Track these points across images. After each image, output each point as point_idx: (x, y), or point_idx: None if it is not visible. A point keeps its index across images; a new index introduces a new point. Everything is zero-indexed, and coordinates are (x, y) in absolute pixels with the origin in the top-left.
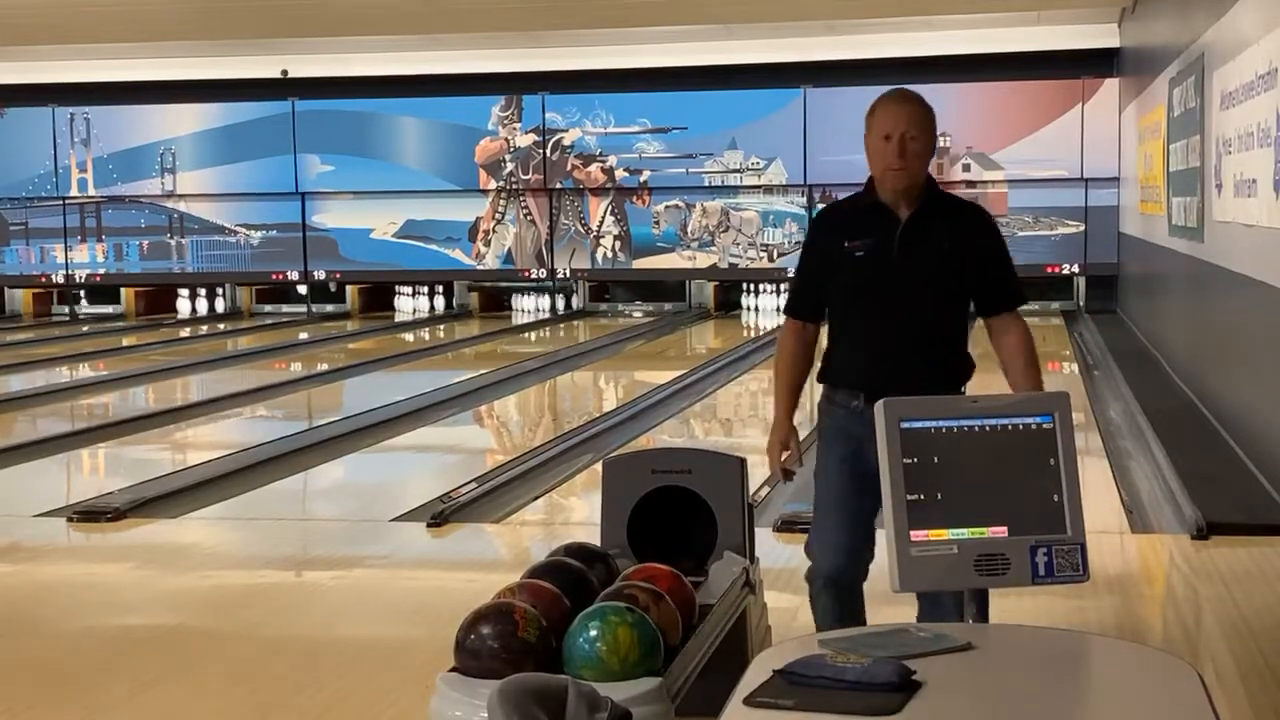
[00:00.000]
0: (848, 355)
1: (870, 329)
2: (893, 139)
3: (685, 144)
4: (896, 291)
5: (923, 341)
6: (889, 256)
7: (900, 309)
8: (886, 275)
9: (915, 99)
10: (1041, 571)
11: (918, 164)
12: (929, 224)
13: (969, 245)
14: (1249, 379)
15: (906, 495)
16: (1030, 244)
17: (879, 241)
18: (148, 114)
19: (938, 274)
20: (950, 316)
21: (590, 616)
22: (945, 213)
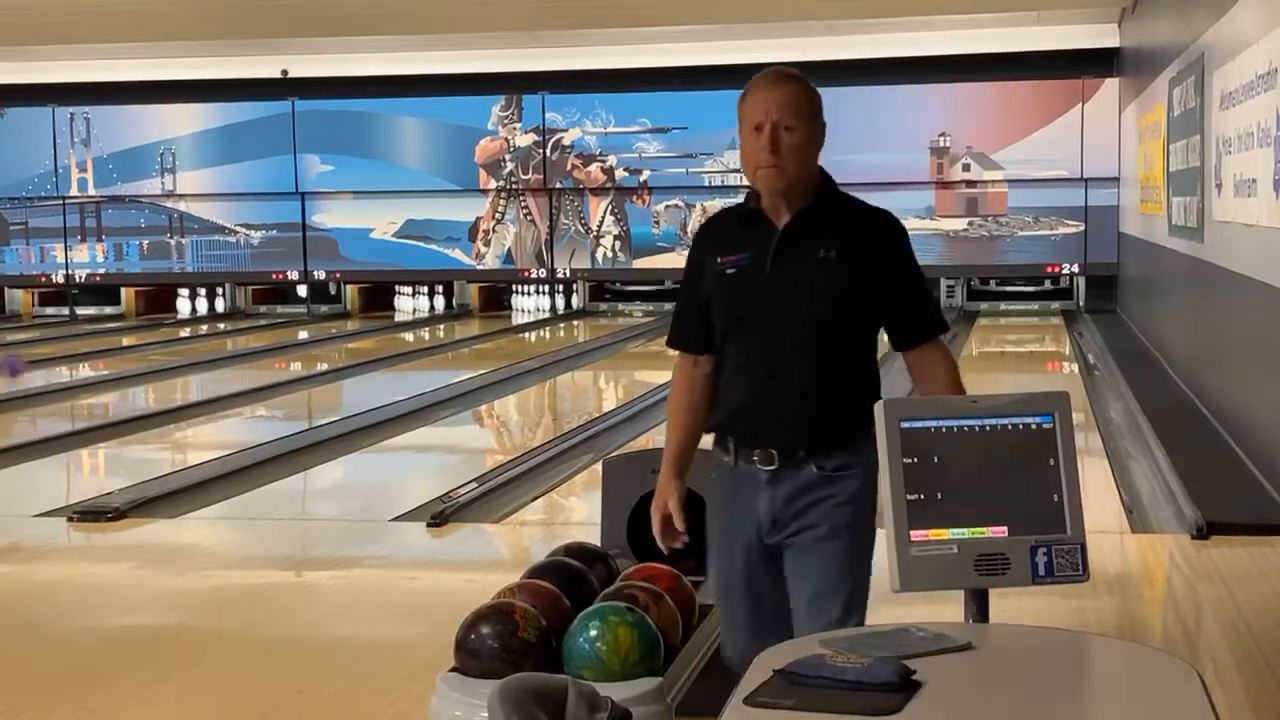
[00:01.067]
0: (725, 397)
1: (745, 365)
2: (763, 130)
3: (685, 144)
4: (773, 317)
5: (810, 380)
6: (761, 273)
7: (779, 339)
8: (760, 297)
9: (792, 80)
10: (1041, 571)
11: (796, 160)
12: (812, 232)
13: (865, 258)
14: (1249, 379)
15: (906, 495)
16: (1030, 244)
17: (752, 256)
18: (148, 114)
19: (822, 293)
20: (845, 347)
21: (590, 616)
22: (836, 218)
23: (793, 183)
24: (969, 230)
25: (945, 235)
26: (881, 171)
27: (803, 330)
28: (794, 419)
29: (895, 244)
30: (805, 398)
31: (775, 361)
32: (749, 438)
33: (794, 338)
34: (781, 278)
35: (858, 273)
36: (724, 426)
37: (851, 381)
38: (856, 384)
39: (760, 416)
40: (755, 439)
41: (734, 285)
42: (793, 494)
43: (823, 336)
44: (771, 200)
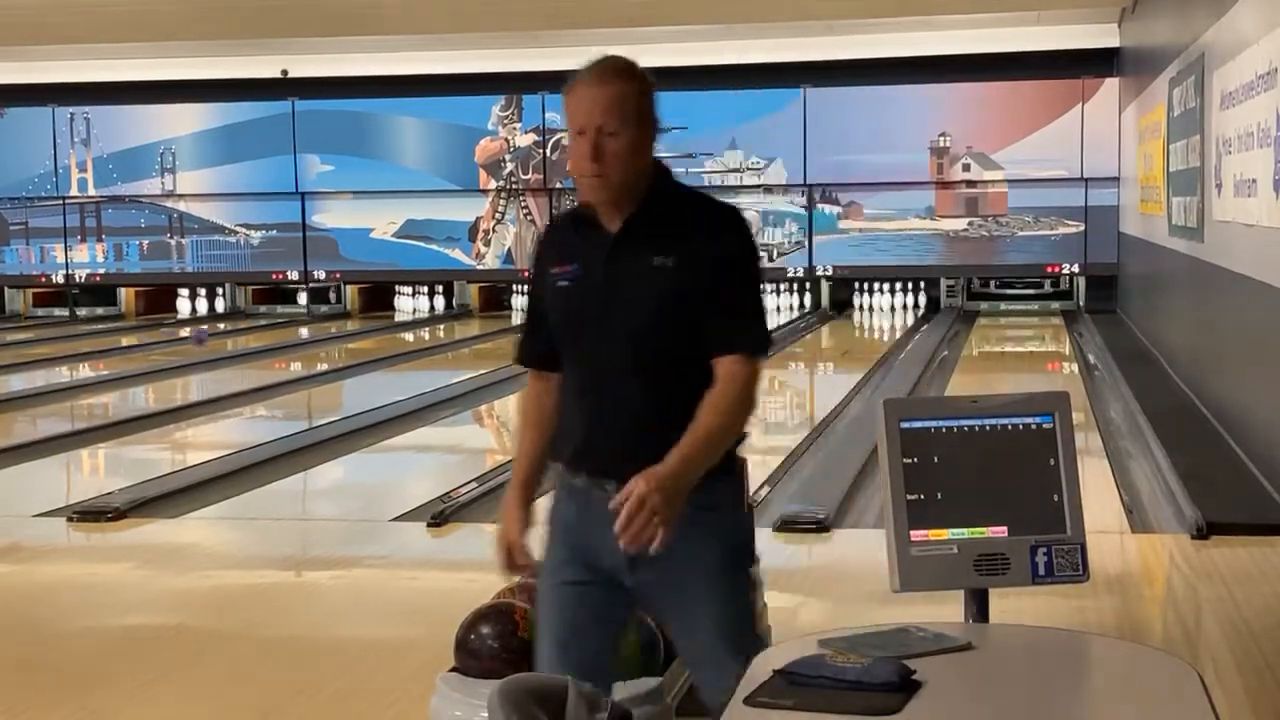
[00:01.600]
0: (568, 423)
1: (585, 387)
2: (586, 135)
3: (685, 144)
4: (610, 334)
5: (656, 402)
6: (593, 285)
7: (619, 358)
8: (594, 312)
9: (618, 77)
10: (1041, 571)
11: (621, 167)
12: (648, 237)
13: (704, 261)
14: (1249, 379)
15: (906, 495)
16: (1030, 244)
17: (584, 266)
18: (148, 114)
19: (660, 305)
20: (696, 363)
21: None
22: (673, 220)
23: (618, 191)
24: (969, 230)
25: (945, 235)
26: (881, 171)
27: (644, 347)
28: (642, 447)
29: (734, 244)
30: (652, 422)
31: (615, 383)
32: (598, 469)
33: (632, 356)
34: (615, 289)
35: (696, 279)
36: (571, 456)
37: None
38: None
39: (606, 445)
40: (605, 470)
41: (567, 299)
42: None
43: (663, 354)
44: (602, 206)
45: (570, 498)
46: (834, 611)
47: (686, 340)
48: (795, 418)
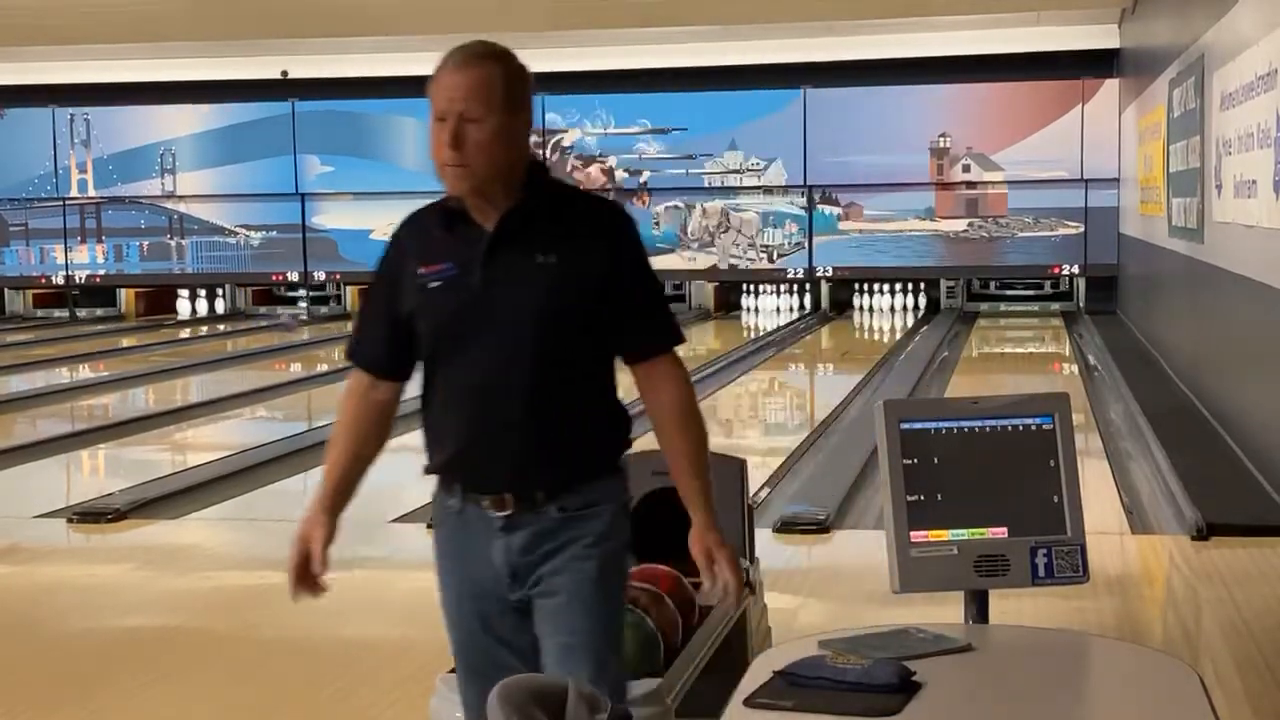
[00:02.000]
0: (440, 434)
1: (460, 395)
2: (447, 121)
3: (685, 144)
4: (489, 338)
5: (538, 408)
6: (470, 287)
7: (498, 363)
8: (472, 315)
9: (485, 60)
10: (1041, 572)
11: (485, 157)
12: (527, 233)
13: (589, 258)
14: (1249, 379)
15: (906, 495)
16: (1030, 245)
17: (458, 266)
18: (148, 114)
19: (544, 306)
20: (576, 367)
21: None
22: (553, 214)
23: (482, 183)
24: (969, 231)
25: (945, 236)
26: (881, 173)
27: (524, 351)
28: (525, 455)
29: (622, 239)
30: (535, 430)
31: (496, 390)
32: (475, 481)
33: (515, 360)
34: (494, 290)
35: (583, 277)
36: (444, 468)
37: (589, 405)
38: (595, 408)
39: (485, 456)
40: (483, 482)
41: (439, 302)
42: (531, 541)
43: (548, 357)
44: (473, 201)
45: (444, 521)
46: (834, 612)
47: (573, 342)
48: (795, 418)
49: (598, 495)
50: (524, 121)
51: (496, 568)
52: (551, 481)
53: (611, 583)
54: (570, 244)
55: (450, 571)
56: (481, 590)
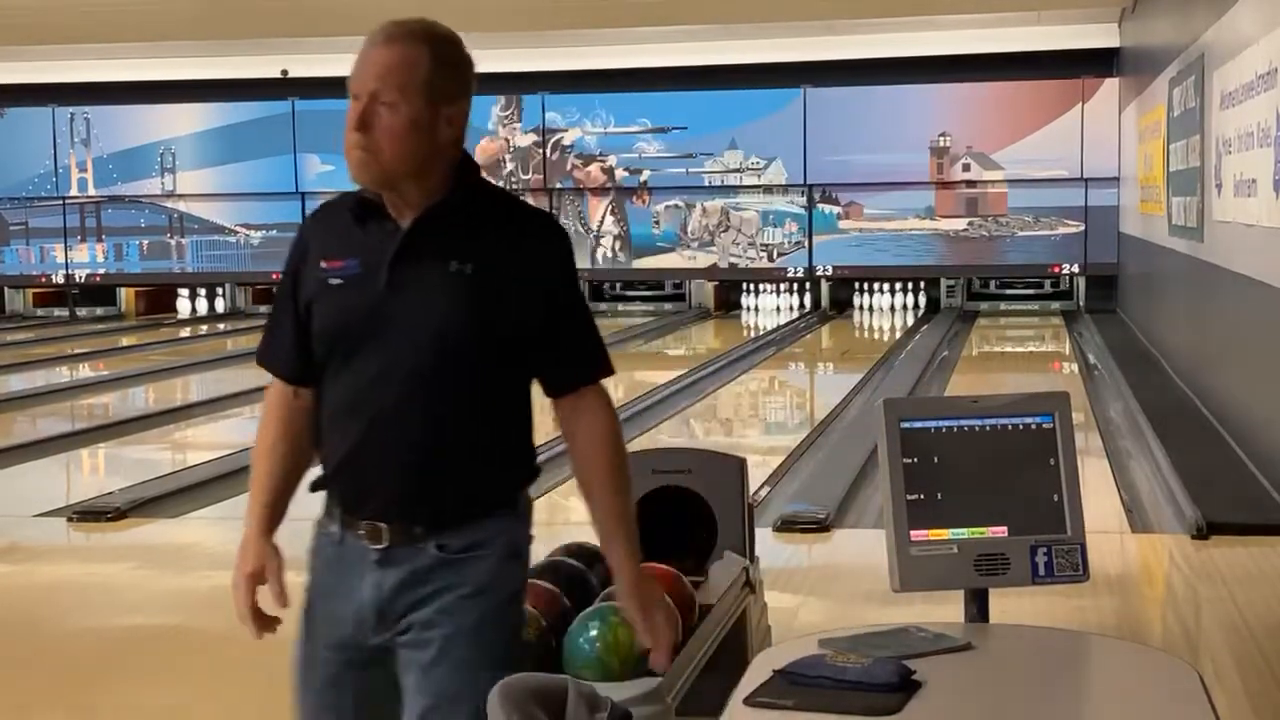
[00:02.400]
0: (326, 448)
1: (348, 407)
2: (359, 101)
3: (685, 144)
4: (385, 347)
5: (430, 432)
6: (373, 288)
7: (391, 377)
8: (370, 320)
9: (406, 39)
10: (1041, 571)
11: (396, 146)
12: (445, 236)
13: (511, 274)
14: (1249, 379)
15: (906, 495)
16: (1030, 244)
17: (364, 264)
18: (148, 114)
19: (450, 318)
20: (479, 390)
21: (590, 616)
22: (477, 220)
23: (388, 175)
24: (969, 230)
25: (945, 235)
26: (881, 172)
27: (422, 366)
28: (409, 483)
29: (553, 259)
30: (420, 456)
31: (386, 405)
32: (354, 504)
33: (411, 376)
34: (399, 295)
35: (499, 293)
36: (326, 486)
37: (488, 436)
38: (495, 440)
39: (366, 478)
40: (361, 506)
41: (337, 301)
42: (407, 581)
43: (448, 375)
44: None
45: (321, 550)
46: (834, 611)
47: (475, 363)
48: (795, 418)
49: (484, 537)
50: (455, 114)
51: (363, 606)
52: (433, 516)
53: (491, 640)
54: (491, 255)
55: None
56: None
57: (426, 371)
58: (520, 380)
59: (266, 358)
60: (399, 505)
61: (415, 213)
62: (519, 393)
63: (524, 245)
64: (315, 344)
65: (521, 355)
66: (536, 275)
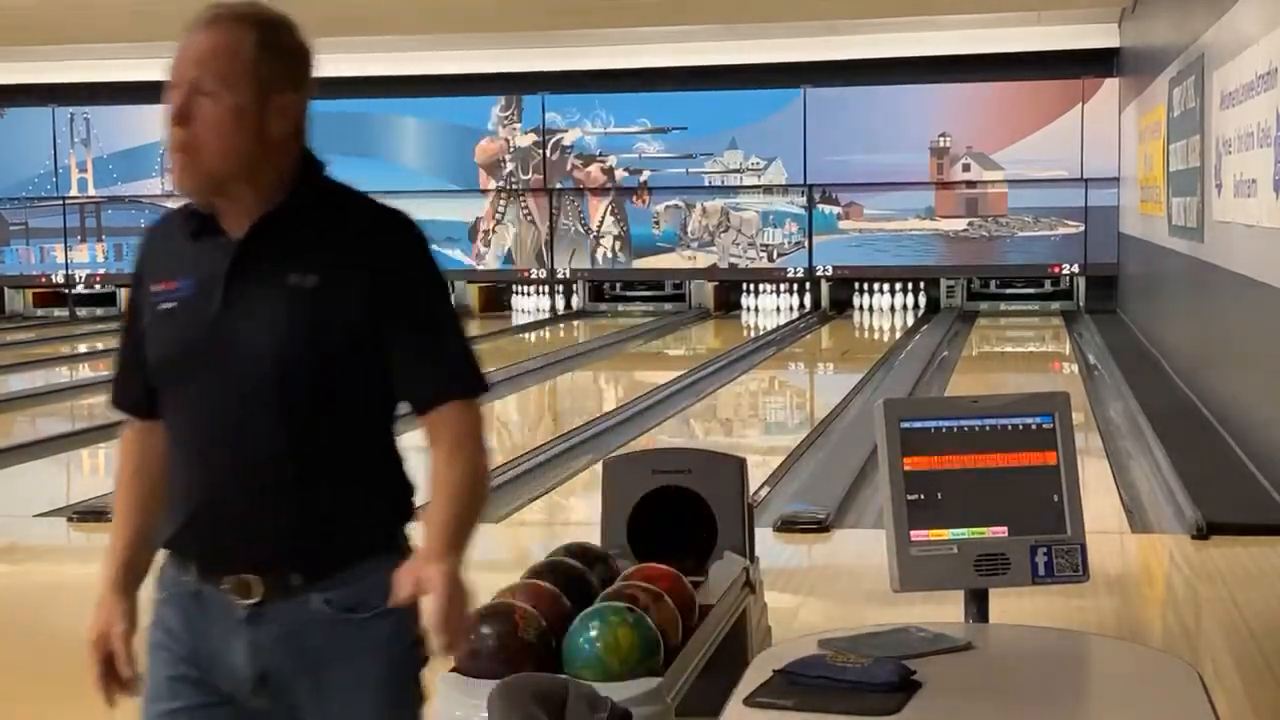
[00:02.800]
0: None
1: (190, 443)
2: (178, 90)
3: (685, 144)
4: (228, 375)
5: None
6: (205, 310)
7: (240, 408)
8: (203, 346)
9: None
10: (1041, 571)
11: (218, 144)
12: (284, 244)
13: (361, 283)
14: (1249, 379)
15: (906, 495)
16: (1030, 244)
17: (197, 284)
18: (148, 114)
19: (297, 338)
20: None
21: (590, 616)
22: (319, 222)
23: (213, 177)
24: (969, 231)
25: (945, 236)
26: (881, 172)
27: (268, 395)
28: (271, 527)
29: (406, 259)
30: (284, 495)
31: (240, 445)
32: (213, 555)
33: (258, 406)
34: (236, 317)
35: (347, 305)
36: (176, 536)
37: (356, 468)
38: (364, 471)
39: (224, 526)
40: (222, 557)
41: (169, 328)
42: (289, 637)
43: (300, 403)
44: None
45: (174, 598)
46: (834, 611)
47: (334, 387)
48: (795, 418)
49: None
50: (289, 105)
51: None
52: (309, 562)
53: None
54: (337, 263)
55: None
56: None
57: (274, 400)
58: (386, 402)
59: (116, 399)
60: (265, 553)
61: (250, 221)
62: (386, 416)
63: (373, 248)
64: (151, 378)
65: (381, 372)
66: (388, 280)
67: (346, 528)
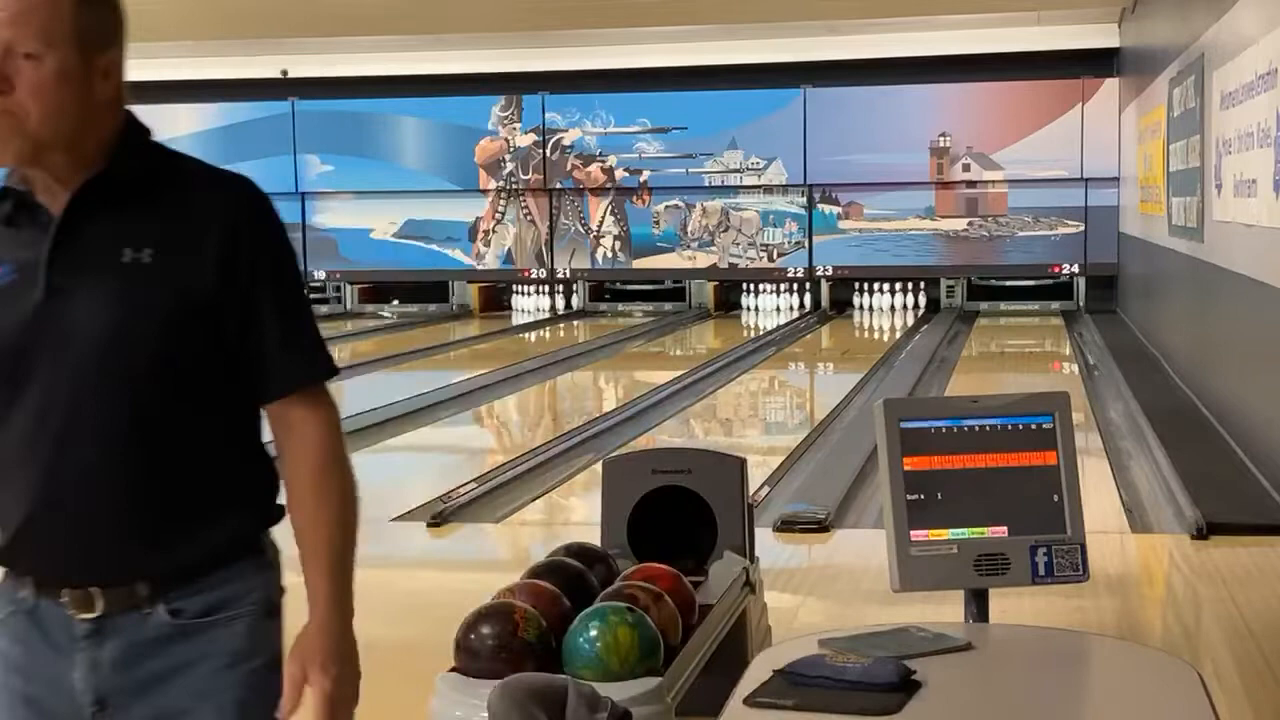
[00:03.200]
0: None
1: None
2: None
3: (685, 144)
4: (57, 367)
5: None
6: (32, 297)
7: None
8: (27, 336)
9: None
10: (1041, 571)
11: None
12: (112, 217)
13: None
14: (1249, 379)
15: (906, 495)
16: (1030, 244)
17: (18, 267)
18: (148, 114)
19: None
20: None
21: (590, 616)
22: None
23: (40, 146)
24: (969, 230)
25: (945, 235)
26: (881, 172)
27: (108, 387)
28: (113, 533)
29: (250, 231)
30: (126, 497)
31: (73, 446)
32: (50, 566)
33: (101, 397)
34: (64, 302)
35: (195, 281)
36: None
37: (208, 464)
38: (219, 470)
39: (57, 534)
40: (60, 567)
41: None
42: (130, 655)
43: (143, 395)
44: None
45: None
46: (834, 611)
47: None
48: (795, 418)
49: (230, 594)
50: (111, 64)
51: (74, 694)
52: (159, 571)
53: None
54: (174, 236)
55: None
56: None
57: (114, 391)
58: (241, 391)
59: None
60: (107, 563)
61: (70, 194)
62: (243, 404)
63: (218, 215)
64: None
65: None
66: (239, 250)
67: (200, 530)
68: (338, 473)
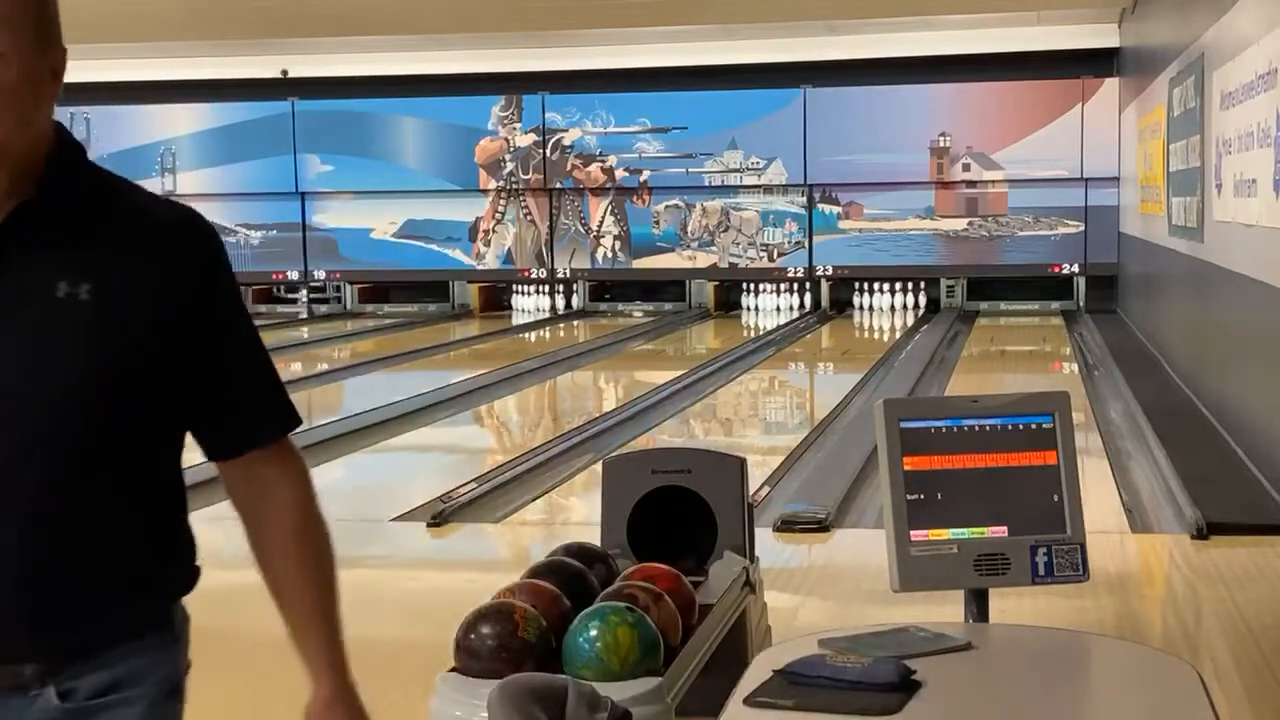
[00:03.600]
0: None
1: None
2: None
3: (685, 144)
4: None
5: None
6: None
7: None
8: None
9: None
10: (1041, 571)
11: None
12: (48, 245)
13: (148, 296)
14: (1249, 379)
15: (906, 495)
16: (1030, 244)
17: None
18: (148, 114)
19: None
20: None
21: (590, 616)
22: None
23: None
24: (969, 230)
25: (945, 235)
26: (881, 171)
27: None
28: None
29: (205, 272)
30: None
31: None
32: None
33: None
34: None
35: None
36: None
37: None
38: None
39: None
40: None
41: None
42: None
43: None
44: None
45: None
46: (834, 611)
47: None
48: (795, 418)
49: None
50: (60, 66)
51: None
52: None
53: None
54: (117, 271)
55: None
56: None
57: (30, 443)
58: (169, 444)
59: None
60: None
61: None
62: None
63: (162, 253)
64: None
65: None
66: (183, 296)
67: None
68: (316, 531)
